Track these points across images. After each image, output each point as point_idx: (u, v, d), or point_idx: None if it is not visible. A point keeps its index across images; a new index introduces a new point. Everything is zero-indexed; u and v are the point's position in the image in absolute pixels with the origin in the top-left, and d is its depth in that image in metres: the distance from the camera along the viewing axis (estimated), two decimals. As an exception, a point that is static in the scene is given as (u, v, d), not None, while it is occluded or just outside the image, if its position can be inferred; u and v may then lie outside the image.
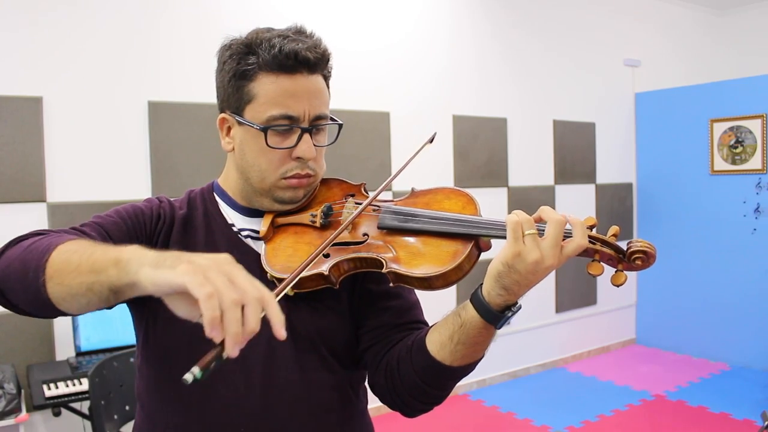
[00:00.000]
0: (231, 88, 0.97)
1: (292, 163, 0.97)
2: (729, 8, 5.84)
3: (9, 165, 2.72)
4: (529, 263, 0.80)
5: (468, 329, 0.89)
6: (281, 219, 1.03)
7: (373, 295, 1.04)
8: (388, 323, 1.03)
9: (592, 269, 0.85)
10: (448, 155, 4.08)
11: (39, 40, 2.79)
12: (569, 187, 4.74)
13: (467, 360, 0.93)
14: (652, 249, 0.84)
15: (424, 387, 0.95)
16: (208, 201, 1.06)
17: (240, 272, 0.66)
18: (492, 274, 0.84)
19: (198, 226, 1.03)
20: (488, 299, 0.85)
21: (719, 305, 4.75)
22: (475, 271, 0.93)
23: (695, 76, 5.44)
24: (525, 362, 4.60)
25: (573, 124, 4.80)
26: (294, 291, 0.95)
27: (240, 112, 0.97)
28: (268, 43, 0.94)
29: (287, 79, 0.94)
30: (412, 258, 0.92)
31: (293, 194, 1.00)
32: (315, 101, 0.96)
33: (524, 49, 4.52)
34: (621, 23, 5.13)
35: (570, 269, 4.79)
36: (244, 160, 0.99)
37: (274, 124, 0.94)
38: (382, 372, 0.99)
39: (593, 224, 0.86)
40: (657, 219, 5.16)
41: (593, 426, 3.63)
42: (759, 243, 4.51)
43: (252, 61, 0.94)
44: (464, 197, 0.98)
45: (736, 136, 4.62)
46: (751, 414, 3.67)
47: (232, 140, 1.01)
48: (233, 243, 1.02)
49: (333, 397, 1.01)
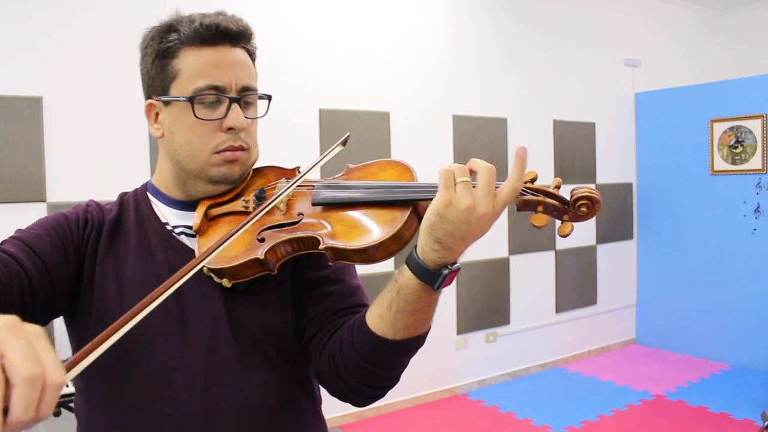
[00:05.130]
0: (155, 70, 0.95)
1: (223, 136, 0.94)
2: (729, 8, 5.84)
3: (9, 165, 2.72)
4: (461, 210, 0.77)
5: (406, 294, 0.82)
6: (214, 210, 0.98)
7: (312, 282, 0.99)
8: (330, 309, 0.97)
9: (536, 221, 0.83)
10: (448, 155, 4.08)
11: (39, 40, 2.79)
12: (569, 187, 4.73)
13: (411, 332, 0.86)
14: (597, 195, 0.82)
15: (368, 367, 0.88)
16: (141, 201, 1.03)
17: (18, 343, 0.49)
18: (424, 227, 0.80)
19: (130, 228, 0.99)
20: (423, 256, 0.80)
21: (719, 305, 4.75)
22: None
23: (695, 76, 5.44)
24: (525, 362, 4.60)
25: (573, 124, 4.81)
26: (232, 282, 0.91)
27: (166, 91, 0.95)
28: (188, 19, 0.93)
29: (210, 50, 0.93)
30: (348, 231, 0.87)
31: (228, 170, 0.96)
32: (241, 72, 0.94)
33: (524, 49, 4.52)
34: (621, 23, 5.13)
35: (570, 269, 4.79)
36: (174, 141, 0.96)
37: (201, 95, 0.92)
38: (326, 358, 0.93)
39: (534, 177, 0.84)
40: (657, 219, 5.16)
41: (593, 426, 3.63)
42: (759, 243, 4.51)
43: (173, 37, 0.93)
44: (400, 166, 0.95)
45: (736, 136, 4.62)
46: (751, 414, 3.67)
47: (161, 125, 0.98)
48: (167, 241, 0.98)
49: (280, 397, 0.96)
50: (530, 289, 4.57)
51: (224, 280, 0.91)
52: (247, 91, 0.96)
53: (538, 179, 0.86)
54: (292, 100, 3.45)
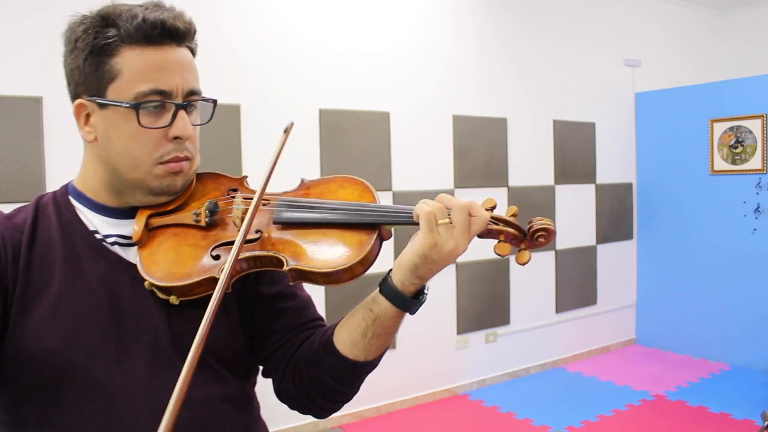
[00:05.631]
0: (88, 68, 0.85)
1: (168, 145, 0.86)
2: (729, 8, 5.84)
3: (9, 165, 2.72)
4: (445, 252, 0.81)
5: (383, 321, 0.86)
6: (156, 220, 0.90)
7: (266, 298, 0.96)
8: (288, 326, 0.96)
9: (499, 250, 0.87)
10: (448, 155, 4.08)
11: (39, 40, 2.79)
12: (569, 187, 4.74)
13: (381, 350, 0.90)
14: (553, 226, 0.87)
15: (338, 387, 0.92)
16: (63, 206, 0.92)
17: None
18: (407, 267, 0.83)
19: (52, 238, 0.88)
20: (402, 289, 0.84)
21: (719, 305, 4.75)
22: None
23: (695, 76, 5.44)
24: (525, 362, 4.60)
25: (573, 124, 4.80)
26: (179, 299, 0.86)
27: (102, 93, 0.85)
28: (129, 13, 0.84)
29: (154, 51, 0.84)
30: (314, 253, 0.85)
31: (171, 182, 0.89)
32: (187, 75, 0.87)
33: (525, 49, 4.52)
34: (621, 23, 5.13)
35: (570, 269, 4.79)
36: (111, 148, 0.87)
37: (145, 101, 0.83)
38: (290, 379, 0.94)
39: (493, 206, 0.87)
40: (657, 219, 5.16)
41: (593, 426, 3.63)
42: (759, 243, 4.51)
43: (112, 33, 0.83)
44: (360, 185, 0.93)
45: (736, 136, 4.62)
46: (751, 414, 3.67)
47: (93, 129, 0.88)
48: (98, 252, 0.88)
49: (226, 410, 0.92)
50: (530, 289, 4.57)
51: (172, 297, 0.86)
52: (192, 95, 0.89)
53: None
54: (292, 100, 3.45)
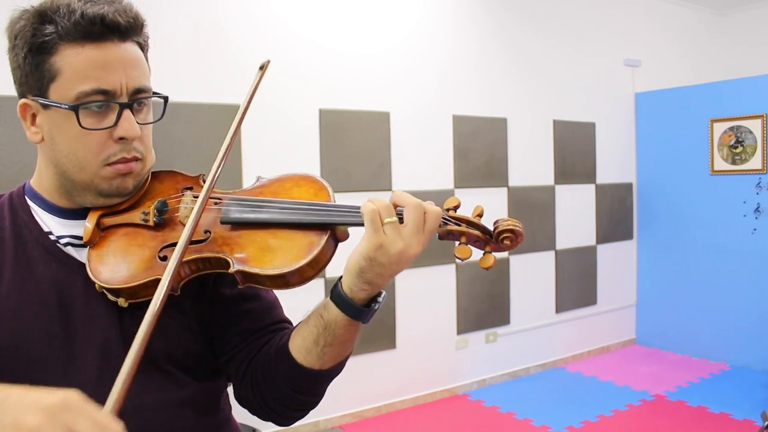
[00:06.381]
0: (28, 67, 0.81)
1: (114, 146, 0.83)
2: (729, 8, 5.84)
3: (9, 165, 2.72)
4: (393, 254, 0.75)
5: (334, 329, 0.81)
6: (108, 219, 0.88)
7: (227, 300, 0.93)
8: (248, 329, 0.92)
9: (459, 252, 0.80)
10: (448, 155, 4.08)
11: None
12: (569, 187, 4.74)
13: (338, 359, 0.85)
14: (520, 227, 0.80)
15: (295, 395, 0.87)
16: (18, 207, 0.90)
17: (82, 419, 0.54)
18: (353, 271, 0.78)
19: (5, 239, 0.86)
20: (351, 295, 0.79)
21: (719, 305, 4.75)
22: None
23: (695, 76, 5.44)
24: (525, 362, 4.60)
25: (573, 124, 4.80)
26: (128, 302, 0.83)
27: (43, 93, 0.82)
28: (67, 8, 0.79)
29: (95, 48, 0.80)
30: (261, 254, 0.82)
31: (121, 183, 0.86)
32: (132, 72, 0.83)
33: (525, 49, 4.52)
34: (621, 23, 5.13)
35: (570, 269, 4.79)
36: (57, 150, 0.84)
37: (86, 101, 0.80)
38: (248, 385, 0.90)
39: (456, 205, 0.82)
40: (657, 219, 5.16)
41: (593, 426, 3.63)
42: (759, 243, 4.51)
43: (50, 30, 0.79)
44: (315, 183, 0.90)
45: (736, 136, 4.62)
46: (751, 414, 3.67)
47: (40, 129, 0.86)
48: (51, 254, 0.86)
49: (185, 414, 0.88)
50: (530, 289, 4.57)
51: (120, 299, 0.84)
52: (139, 93, 0.85)
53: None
54: (292, 100, 3.45)
